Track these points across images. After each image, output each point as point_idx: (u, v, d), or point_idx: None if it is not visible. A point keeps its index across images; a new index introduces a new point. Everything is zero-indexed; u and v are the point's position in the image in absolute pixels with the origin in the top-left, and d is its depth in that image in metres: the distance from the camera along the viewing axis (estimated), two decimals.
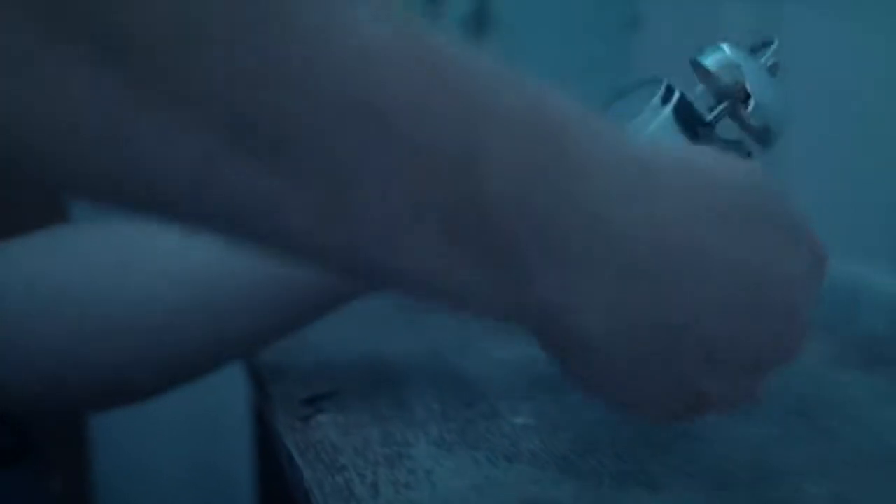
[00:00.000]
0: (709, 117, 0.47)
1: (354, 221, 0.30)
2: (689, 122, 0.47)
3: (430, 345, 0.67)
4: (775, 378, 0.41)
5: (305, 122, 0.28)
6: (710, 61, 0.47)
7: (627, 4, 1.03)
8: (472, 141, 0.30)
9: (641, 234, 0.34)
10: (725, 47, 0.47)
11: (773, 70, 0.48)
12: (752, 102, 0.46)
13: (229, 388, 0.63)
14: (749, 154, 0.48)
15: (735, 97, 0.46)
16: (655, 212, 0.35)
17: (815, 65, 0.83)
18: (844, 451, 0.51)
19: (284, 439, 0.53)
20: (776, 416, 0.55)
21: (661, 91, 0.47)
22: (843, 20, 0.80)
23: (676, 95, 0.47)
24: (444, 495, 0.45)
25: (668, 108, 0.46)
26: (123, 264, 0.53)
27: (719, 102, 0.47)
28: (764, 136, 0.47)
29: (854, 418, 0.55)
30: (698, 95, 0.48)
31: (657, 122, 0.46)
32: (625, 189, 0.34)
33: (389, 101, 0.29)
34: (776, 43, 0.49)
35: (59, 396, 0.54)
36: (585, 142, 0.33)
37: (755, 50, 0.49)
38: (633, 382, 0.38)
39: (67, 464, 1.06)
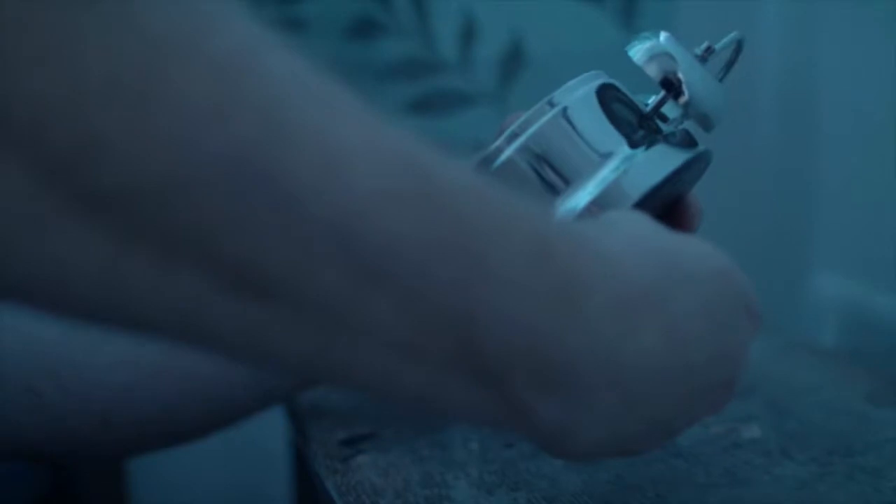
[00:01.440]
0: (646, 110, 0.47)
1: (348, 357, 0.31)
2: (625, 114, 0.46)
3: None
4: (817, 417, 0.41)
5: (295, 267, 0.28)
6: (634, 53, 0.47)
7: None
8: (470, 295, 0.31)
9: (637, 356, 0.36)
10: (658, 36, 0.47)
11: (704, 56, 0.48)
12: (685, 91, 0.46)
13: (269, 423, 0.64)
14: (694, 142, 0.47)
15: (668, 88, 0.46)
16: (645, 328, 0.36)
17: (847, 64, 0.82)
18: (887, 490, 0.50)
19: (325, 481, 0.53)
20: (818, 454, 0.54)
21: (593, 76, 0.47)
22: (877, 20, 0.80)
23: (604, 81, 0.47)
24: None
25: (592, 87, 0.46)
26: None
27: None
28: (704, 123, 0.47)
29: None
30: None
31: (578, 94, 0.46)
32: (618, 317, 0.35)
33: (387, 255, 0.29)
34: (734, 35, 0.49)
35: (105, 440, 0.54)
36: (580, 269, 0.34)
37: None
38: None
39: (105, 503, 1.06)
